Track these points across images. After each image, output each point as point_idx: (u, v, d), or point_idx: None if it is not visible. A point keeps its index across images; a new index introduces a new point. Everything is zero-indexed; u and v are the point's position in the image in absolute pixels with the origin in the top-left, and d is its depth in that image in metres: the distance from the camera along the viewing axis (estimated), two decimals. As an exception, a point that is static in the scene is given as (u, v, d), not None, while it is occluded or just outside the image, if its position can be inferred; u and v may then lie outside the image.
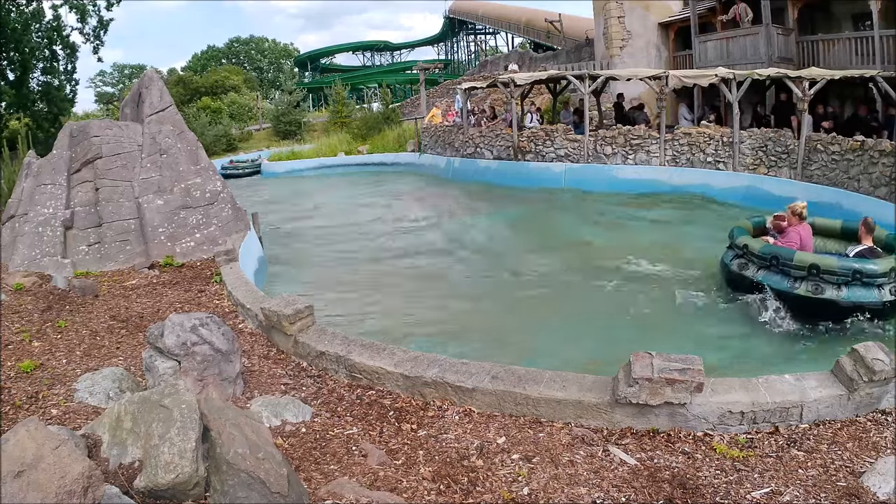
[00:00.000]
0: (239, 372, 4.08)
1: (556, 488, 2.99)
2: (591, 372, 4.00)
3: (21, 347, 4.82)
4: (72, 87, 24.24)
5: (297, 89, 38.07)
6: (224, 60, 66.99)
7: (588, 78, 14.60)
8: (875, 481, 2.91)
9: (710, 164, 13.01)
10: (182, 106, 31.92)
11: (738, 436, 3.41)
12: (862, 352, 3.50)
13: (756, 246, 6.27)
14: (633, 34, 19.19)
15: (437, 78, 40.96)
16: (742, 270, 6.33)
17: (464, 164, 17.21)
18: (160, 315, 5.83)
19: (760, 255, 6.15)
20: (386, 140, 23.99)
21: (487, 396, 3.77)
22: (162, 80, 9.56)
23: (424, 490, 2.98)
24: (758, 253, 6.18)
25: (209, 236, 8.32)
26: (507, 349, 5.61)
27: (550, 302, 7.21)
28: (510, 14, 38.75)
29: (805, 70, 12.42)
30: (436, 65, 43.06)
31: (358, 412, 3.88)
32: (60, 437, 2.25)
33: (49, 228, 7.58)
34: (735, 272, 6.43)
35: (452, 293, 7.83)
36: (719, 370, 4.61)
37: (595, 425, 3.56)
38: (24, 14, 21.00)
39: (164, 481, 2.42)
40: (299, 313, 4.83)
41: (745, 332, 5.89)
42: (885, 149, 9.56)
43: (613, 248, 9.24)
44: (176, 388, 2.84)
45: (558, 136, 14.84)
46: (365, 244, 11.01)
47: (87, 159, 8.16)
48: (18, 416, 3.58)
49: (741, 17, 15.39)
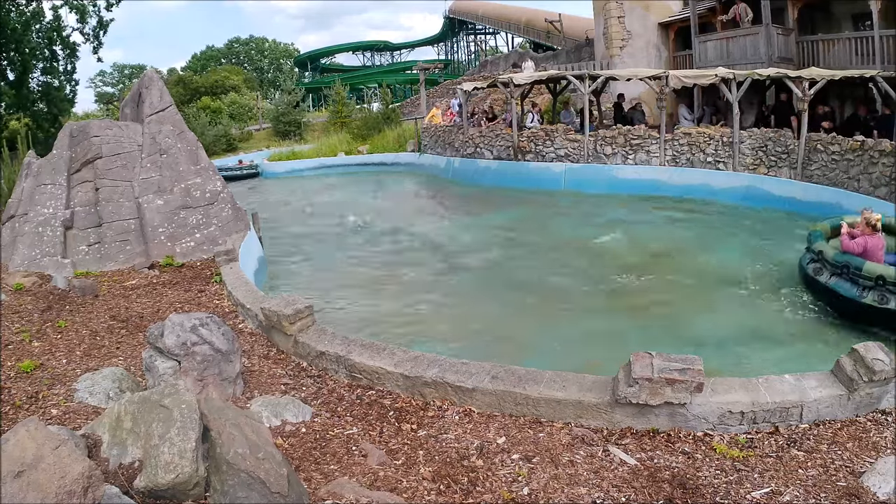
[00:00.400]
0: (239, 372, 4.08)
1: (556, 488, 2.99)
2: (591, 372, 4.01)
3: (21, 347, 4.82)
4: (72, 87, 24.23)
5: (297, 89, 38.06)
6: (224, 60, 66.99)
7: (588, 78, 14.60)
8: (875, 481, 2.91)
9: (710, 164, 13.00)
10: (182, 106, 31.89)
11: (738, 436, 3.41)
12: (862, 352, 3.50)
13: (830, 253, 6.48)
14: (633, 34, 19.18)
15: (437, 78, 40.94)
16: (816, 275, 6.55)
17: (464, 164, 17.21)
18: (160, 315, 5.83)
19: (833, 263, 6.36)
20: (386, 140, 23.98)
21: (487, 396, 3.77)
22: (162, 80, 9.56)
23: (424, 490, 2.98)
24: (831, 260, 6.40)
25: (209, 236, 8.32)
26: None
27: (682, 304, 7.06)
28: (510, 14, 38.74)
29: (805, 70, 12.41)
30: (436, 65, 43.02)
31: (358, 412, 3.88)
32: (60, 437, 2.25)
33: (49, 228, 7.58)
34: (810, 276, 6.67)
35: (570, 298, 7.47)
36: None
37: (595, 425, 3.56)
38: (24, 14, 20.99)
39: (164, 481, 2.42)
40: (299, 313, 4.83)
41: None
42: (884, 149, 9.55)
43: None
44: (176, 388, 2.84)
45: (558, 136, 14.84)
46: (366, 244, 11.01)
47: (87, 159, 8.16)
48: (18, 416, 3.58)
49: (741, 17, 15.38)
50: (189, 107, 37.15)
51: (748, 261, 8.38)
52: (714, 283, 7.65)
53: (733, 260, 8.50)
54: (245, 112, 42.91)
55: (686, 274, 8.05)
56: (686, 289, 7.56)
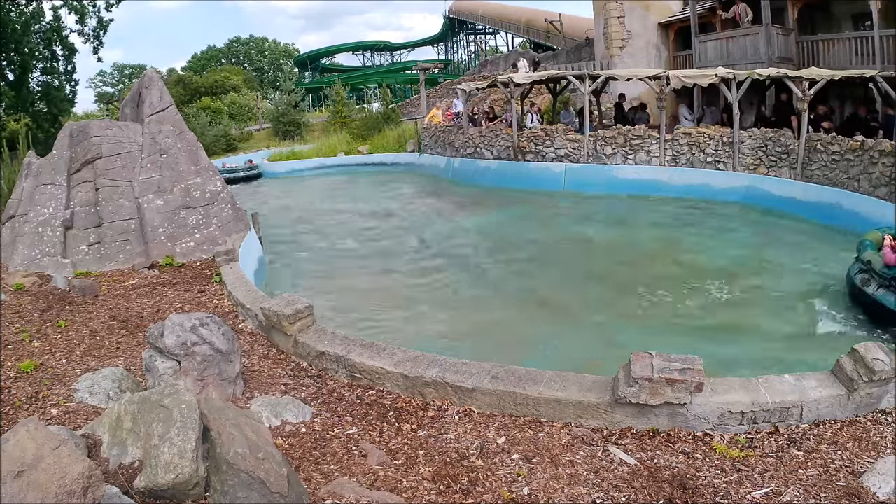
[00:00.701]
0: (239, 372, 4.08)
1: (556, 488, 2.99)
2: (591, 372, 4.01)
3: (21, 347, 4.82)
4: (72, 87, 24.25)
5: (296, 89, 38.05)
6: (224, 60, 66.98)
7: (588, 78, 14.60)
8: (875, 481, 2.91)
9: (710, 164, 13.01)
10: (182, 106, 31.89)
11: (738, 436, 3.41)
12: (862, 352, 3.50)
13: (878, 264, 6.33)
14: (633, 34, 19.19)
15: (437, 78, 40.94)
16: (864, 286, 6.40)
17: (464, 165, 17.21)
18: (160, 315, 5.83)
19: (881, 275, 6.22)
20: (386, 140, 23.98)
21: (487, 396, 3.77)
22: (162, 80, 9.56)
23: (424, 490, 2.98)
24: (879, 272, 6.26)
25: (209, 236, 8.32)
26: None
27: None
28: (510, 14, 38.76)
29: (805, 70, 12.41)
30: (436, 65, 43.02)
31: (358, 412, 3.88)
32: (60, 437, 2.25)
33: (49, 228, 7.58)
34: (857, 287, 6.50)
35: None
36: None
37: (595, 425, 3.56)
38: (24, 14, 21.00)
39: (164, 481, 2.42)
40: (299, 313, 4.82)
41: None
42: (884, 149, 9.55)
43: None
44: (176, 388, 2.84)
45: (558, 136, 14.84)
46: (367, 245, 11.01)
47: (87, 159, 8.16)
48: (18, 416, 3.58)
49: (741, 17, 15.39)
50: (189, 107, 37.17)
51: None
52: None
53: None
54: (245, 112, 42.93)
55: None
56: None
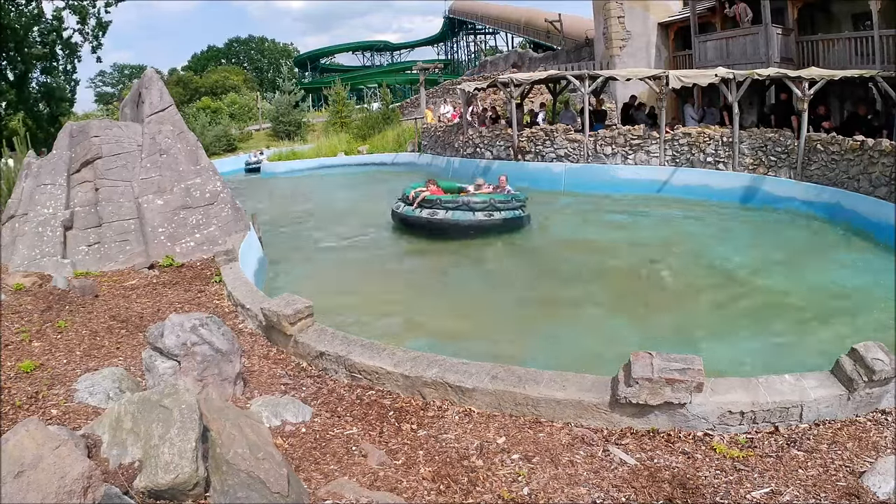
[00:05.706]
0: (239, 372, 4.07)
1: (556, 488, 2.99)
2: (590, 371, 4.00)
3: (21, 347, 4.81)
4: (72, 87, 24.28)
5: (295, 89, 38.04)
6: (224, 60, 66.98)
7: (588, 78, 14.60)
8: (875, 481, 2.91)
9: (709, 164, 13.01)
10: (182, 106, 31.93)
11: (738, 436, 3.41)
12: (862, 351, 3.50)
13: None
14: (633, 34, 19.19)
15: (436, 78, 40.92)
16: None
17: (463, 165, 17.22)
18: (160, 315, 5.83)
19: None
20: (386, 140, 24.00)
21: (487, 396, 3.77)
22: (162, 80, 9.55)
23: (424, 490, 2.98)
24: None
25: (209, 236, 8.32)
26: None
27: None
28: (510, 14, 38.78)
29: (805, 70, 12.41)
30: (436, 65, 42.95)
31: (358, 412, 3.88)
32: (60, 438, 2.25)
33: (49, 228, 7.58)
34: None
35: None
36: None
37: (595, 425, 3.56)
38: (25, 15, 21.01)
39: (164, 481, 2.42)
40: (299, 313, 4.82)
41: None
42: (884, 149, 9.55)
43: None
44: (176, 389, 2.84)
45: (558, 136, 14.84)
46: (369, 244, 10.99)
47: (87, 159, 8.16)
48: (18, 416, 3.58)
49: (741, 17, 15.39)
50: (189, 107, 37.21)
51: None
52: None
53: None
54: (245, 112, 42.91)
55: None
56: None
